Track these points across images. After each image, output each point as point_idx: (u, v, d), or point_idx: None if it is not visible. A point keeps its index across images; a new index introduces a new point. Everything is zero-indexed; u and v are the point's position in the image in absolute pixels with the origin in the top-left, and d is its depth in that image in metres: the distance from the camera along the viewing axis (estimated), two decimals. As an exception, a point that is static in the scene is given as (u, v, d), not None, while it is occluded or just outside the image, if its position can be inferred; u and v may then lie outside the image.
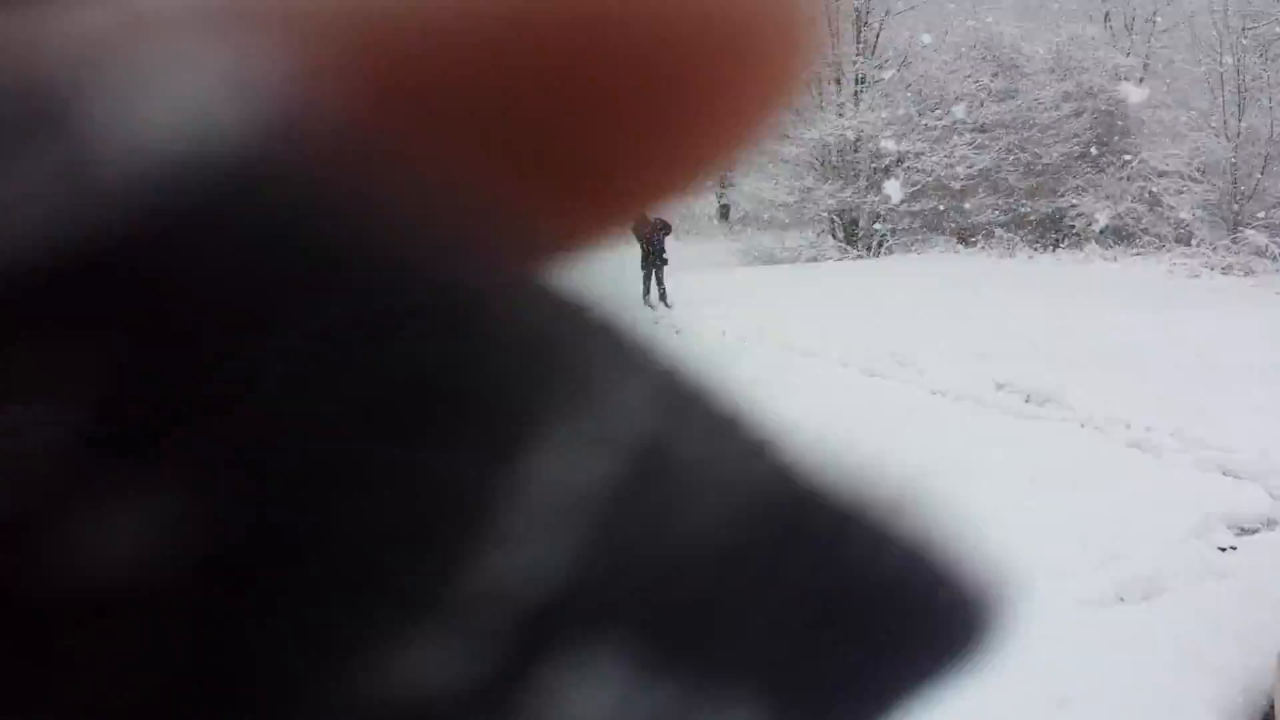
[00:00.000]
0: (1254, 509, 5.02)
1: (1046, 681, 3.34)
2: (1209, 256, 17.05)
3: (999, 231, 21.26)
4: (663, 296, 14.09)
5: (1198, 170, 19.71)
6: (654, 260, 14.08)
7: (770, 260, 22.55)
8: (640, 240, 14.03)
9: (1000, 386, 7.83)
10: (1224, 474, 5.61)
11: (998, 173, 22.09)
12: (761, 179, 24.62)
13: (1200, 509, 4.94)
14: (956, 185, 21.57)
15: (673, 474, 0.13)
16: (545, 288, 0.13)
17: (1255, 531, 4.83)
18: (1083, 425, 6.74)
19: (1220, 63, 19.32)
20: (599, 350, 0.14)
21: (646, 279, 14.23)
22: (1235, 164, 18.86)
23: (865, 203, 22.43)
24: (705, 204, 33.68)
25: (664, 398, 0.14)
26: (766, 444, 0.15)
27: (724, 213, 32.60)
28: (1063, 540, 4.61)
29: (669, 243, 14.52)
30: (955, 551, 0.15)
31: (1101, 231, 20.39)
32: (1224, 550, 4.57)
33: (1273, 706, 3.15)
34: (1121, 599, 4.06)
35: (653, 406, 0.13)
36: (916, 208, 22.09)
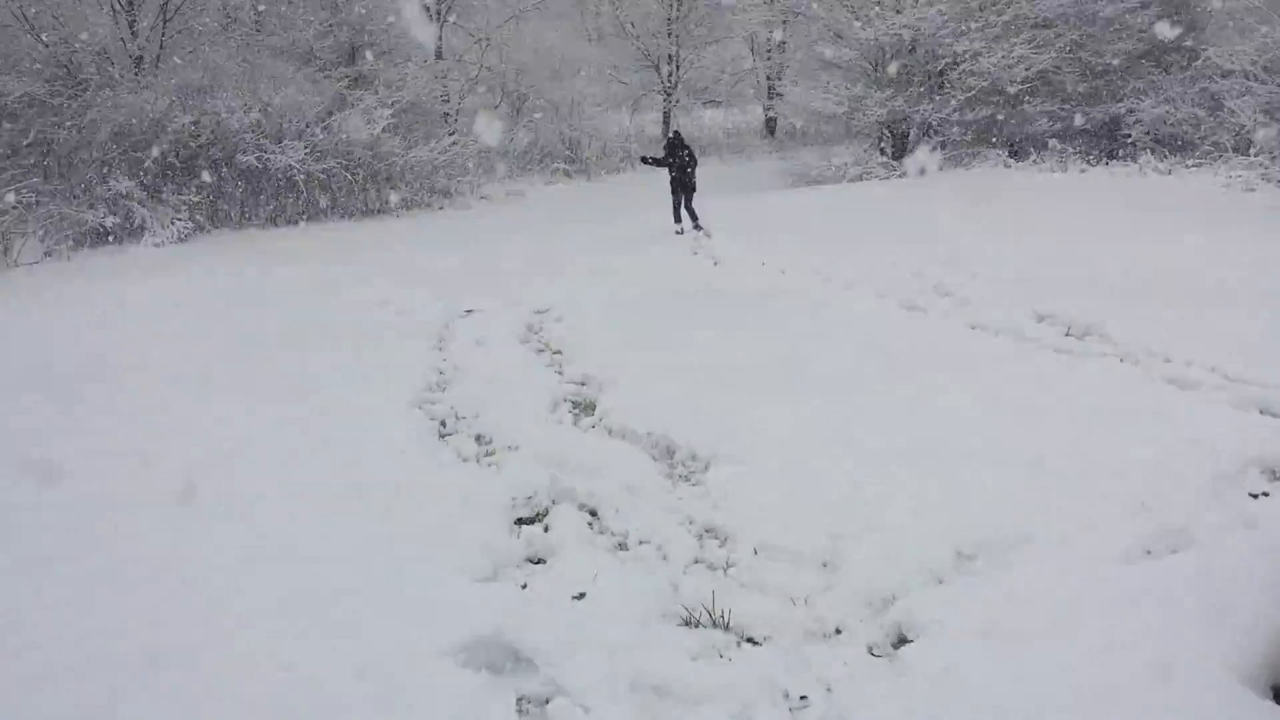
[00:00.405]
0: (1291, 451, 4.95)
1: (1066, 646, 3.38)
2: (1267, 168, 16.44)
3: (1052, 142, 20.68)
4: (695, 221, 14.14)
5: (1263, 69, 18.83)
6: (683, 188, 14.11)
7: (815, 180, 22.22)
8: (668, 168, 14.05)
9: (1041, 319, 7.74)
10: (1262, 413, 5.53)
11: (1056, 75, 21.39)
12: (811, 87, 24.11)
13: (1235, 452, 4.89)
14: (1013, 89, 20.93)
15: None
16: None
17: (1290, 477, 4.77)
18: (1122, 360, 6.65)
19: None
20: None
21: (676, 206, 14.27)
22: (1304, 62, 17.97)
23: (916, 112, 21.89)
24: (751, 118, 33.28)
25: None
26: None
27: (770, 127, 32.14)
28: (1095, 487, 4.61)
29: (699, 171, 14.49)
30: None
31: (1157, 140, 19.72)
32: (1256, 497, 4.54)
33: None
34: (1149, 552, 4.07)
35: None
36: (969, 117, 21.51)
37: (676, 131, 14.99)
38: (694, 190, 14.18)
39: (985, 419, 5.62)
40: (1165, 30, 19.56)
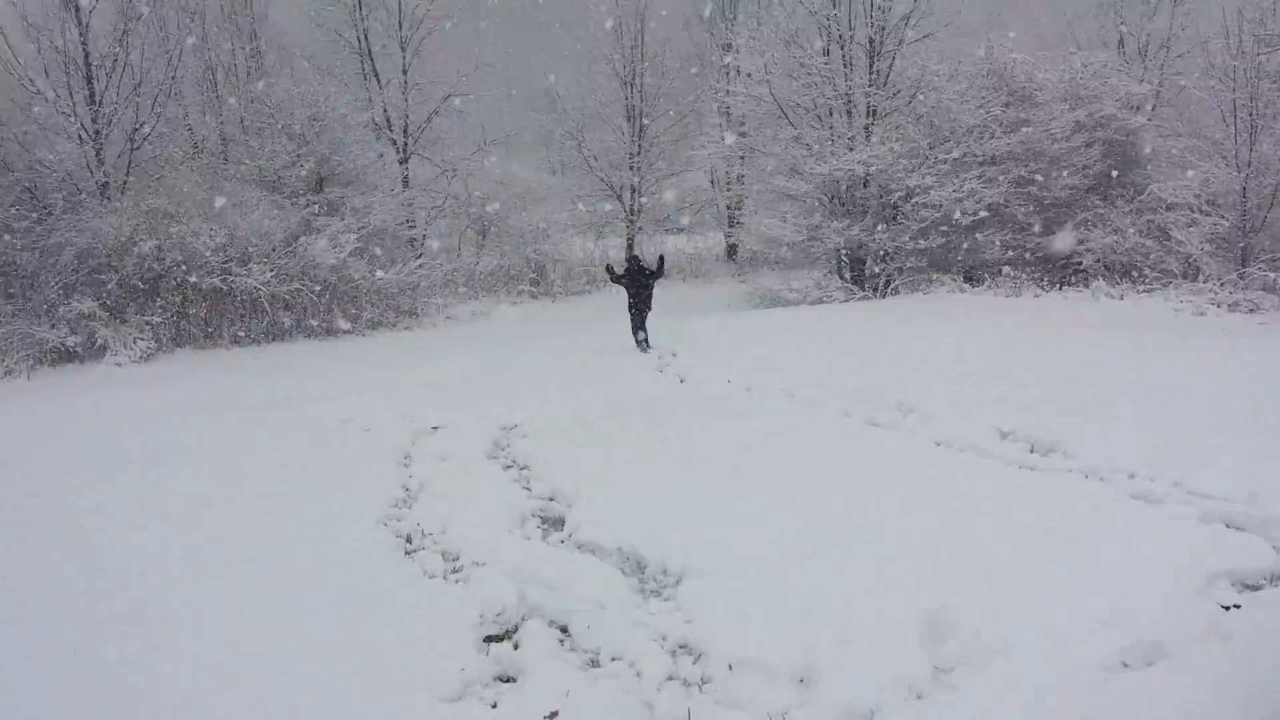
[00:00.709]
0: (1258, 564, 4.99)
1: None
2: (1216, 293, 17.01)
3: (1005, 269, 21.24)
4: (645, 339, 14.48)
5: (1207, 202, 19.64)
6: (641, 307, 14.47)
7: (776, 302, 22.62)
8: (625, 285, 14.43)
9: (1004, 436, 7.81)
10: (1227, 526, 5.57)
11: (1006, 207, 22.10)
12: (770, 216, 24.72)
13: (1204, 565, 4.93)
14: (965, 221, 21.56)
15: None
16: None
17: (1259, 588, 4.80)
18: (1086, 476, 6.71)
19: (1233, 89, 19.17)
20: None
21: (635, 327, 14.57)
22: (1245, 195, 18.77)
23: (873, 240, 22.46)
24: (713, 244, 33.99)
25: None
26: None
27: (731, 252, 32.82)
28: (1068, 600, 4.60)
29: (657, 289, 14.97)
30: None
31: (1108, 267, 20.35)
32: (1228, 609, 4.54)
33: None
34: (1125, 664, 4.04)
35: None
36: (924, 245, 22.10)
37: (635, 256, 15.35)
38: (649, 309, 14.59)
39: (954, 534, 5.62)
40: (1109, 168, 20.48)
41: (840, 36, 23.35)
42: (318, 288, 19.49)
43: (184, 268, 18.11)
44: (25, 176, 18.70)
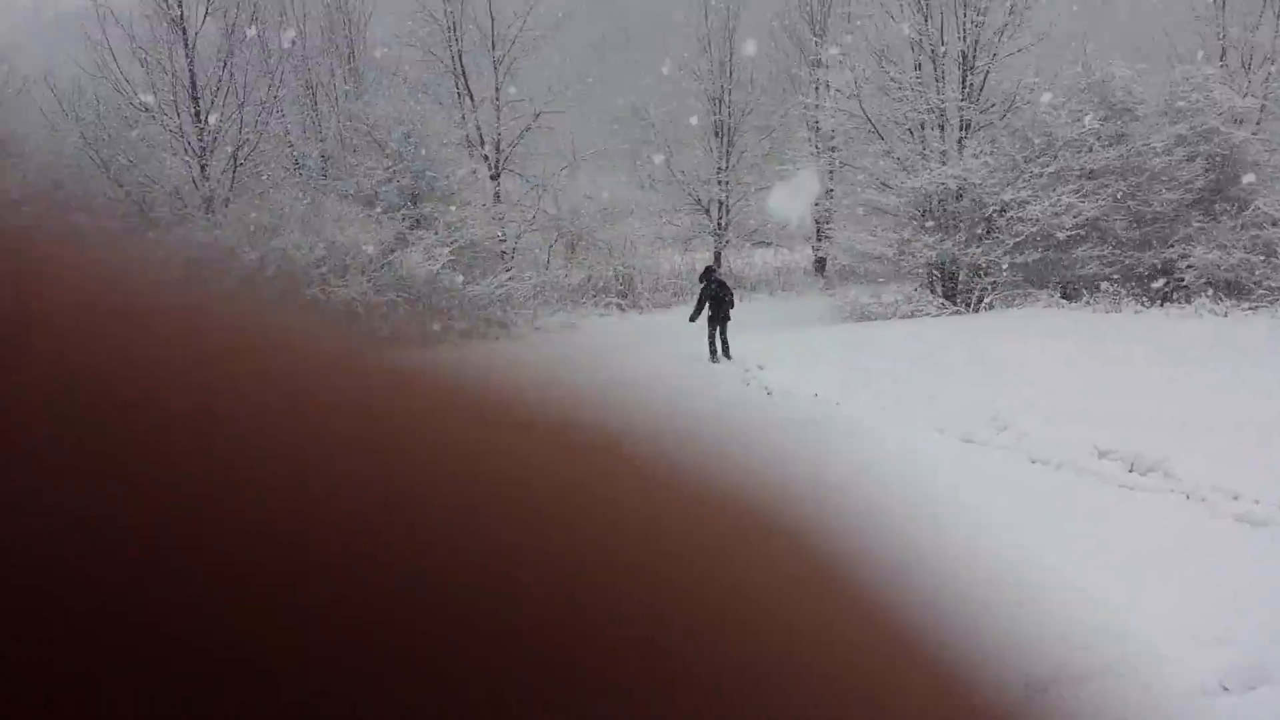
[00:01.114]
0: (1370, 589, 4.81)
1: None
2: (1326, 311, 16.40)
3: (1104, 285, 20.72)
4: (725, 350, 14.81)
5: (1317, 218, 18.97)
6: (720, 318, 14.87)
7: (865, 316, 22.38)
8: (706, 299, 14.79)
9: (1103, 454, 7.63)
10: (1337, 550, 5.39)
11: (1105, 222, 21.58)
12: (859, 230, 24.53)
13: (1311, 589, 4.77)
14: (1062, 235, 21.12)
15: None
16: None
17: (1370, 614, 4.62)
18: (1188, 496, 6.52)
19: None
20: None
21: (712, 336, 14.87)
22: (1358, 210, 18.08)
23: (966, 255, 22.12)
24: (801, 257, 33.81)
25: None
26: None
27: (820, 266, 32.59)
28: (1164, 623, 4.48)
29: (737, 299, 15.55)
30: None
31: (1211, 283, 19.72)
32: (1337, 634, 4.38)
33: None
34: (1225, 688, 3.93)
35: None
36: (1019, 260, 21.69)
37: (710, 268, 15.98)
38: (729, 319, 14.95)
39: (1049, 553, 5.51)
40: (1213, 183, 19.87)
41: (932, 51, 23.10)
42: (413, 299, 19.98)
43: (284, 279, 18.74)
44: (134, 192, 19.56)
